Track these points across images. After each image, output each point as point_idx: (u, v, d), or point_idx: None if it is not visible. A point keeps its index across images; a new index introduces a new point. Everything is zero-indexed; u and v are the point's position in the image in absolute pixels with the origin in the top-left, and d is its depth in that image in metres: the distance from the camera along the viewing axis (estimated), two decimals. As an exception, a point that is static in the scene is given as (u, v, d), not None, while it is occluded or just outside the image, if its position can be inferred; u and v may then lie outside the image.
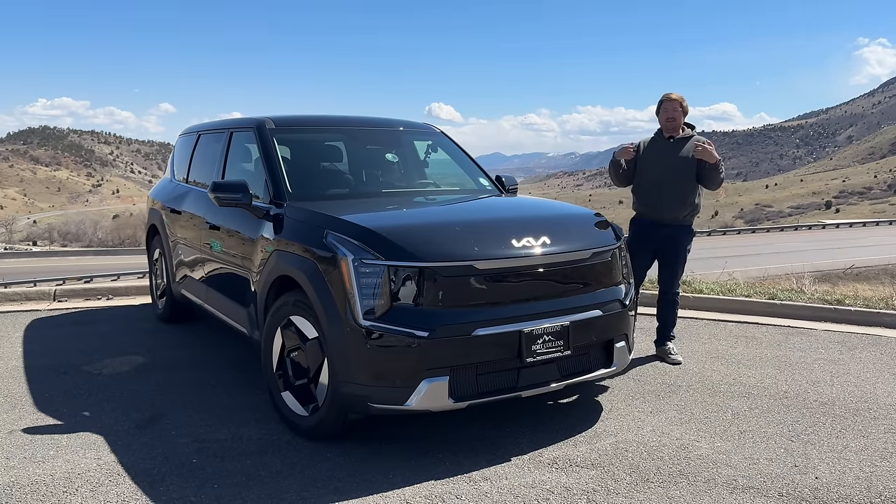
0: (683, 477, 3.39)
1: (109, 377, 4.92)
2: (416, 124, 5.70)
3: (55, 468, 3.47)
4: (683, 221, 5.18)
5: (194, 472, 3.43)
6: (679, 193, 5.11)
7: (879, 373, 5.01)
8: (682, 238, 5.20)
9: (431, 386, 3.39)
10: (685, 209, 5.14)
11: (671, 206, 5.12)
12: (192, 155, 6.01)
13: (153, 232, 6.56)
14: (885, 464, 3.53)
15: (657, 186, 5.15)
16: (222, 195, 4.34)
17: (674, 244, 5.19)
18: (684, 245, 5.21)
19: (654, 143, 5.27)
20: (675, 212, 5.13)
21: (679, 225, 5.17)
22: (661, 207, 5.14)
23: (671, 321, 5.40)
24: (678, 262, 5.24)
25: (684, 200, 5.12)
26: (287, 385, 3.94)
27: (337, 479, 3.36)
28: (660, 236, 5.18)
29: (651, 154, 5.22)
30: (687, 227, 5.22)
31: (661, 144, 5.21)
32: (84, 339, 5.93)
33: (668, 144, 5.15)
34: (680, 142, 5.14)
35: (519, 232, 3.74)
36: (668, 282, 5.30)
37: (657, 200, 5.16)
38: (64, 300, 7.60)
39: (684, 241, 5.21)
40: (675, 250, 5.20)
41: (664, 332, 5.41)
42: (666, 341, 5.37)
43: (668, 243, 5.19)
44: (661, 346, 5.36)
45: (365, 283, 3.44)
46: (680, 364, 5.14)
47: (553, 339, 3.64)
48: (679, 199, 5.11)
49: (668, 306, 5.38)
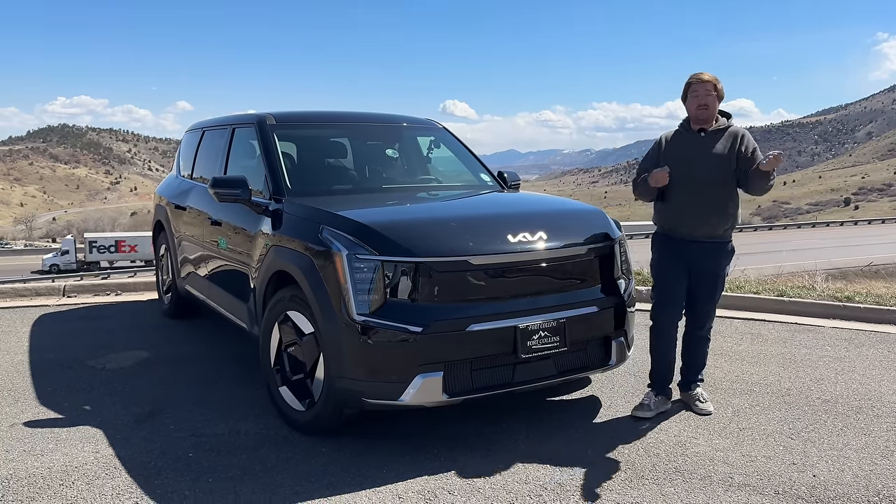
0: (679, 474, 3.36)
1: (112, 372, 4.96)
2: (418, 120, 5.69)
3: (53, 461, 3.50)
4: (722, 237, 4.03)
5: (190, 466, 3.45)
6: (715, 202, 3.95)
7: (885, 370, 4.94)
8: (719, 259, 4.05)
9: (426, 381, 3.39)
10: (723, 222, 3.98)
11: (705, 219, 3.96)
12: (197, 151, 6.05)
13: (159, 228, 6.61)
14: (885, 462, 3.48)
15: (686, 194, 3.97)
16: (222, 191, 4.36)
17: (709, 267, 4.04)
18: (722, 267, 4.08)
19: (680, 137, 4.09)
20: (710, 226, 3.97)
21: (716, 242, 4.03)
22: (693, 221, 3.98)
23: (701, 362, 4.29)
24: (715, 289, 4.10)
25: (722, 211, 3.97)
26: (284, 380, 3.95)
27: (331, 474, 3.36)
28: (691, 257, 4.04)
29: (677, 152, 4.03)
30: (725, 244, 4.06)
31: (689, 139, 4.04)
32: (90, 335, 5.98)
33: (699, 139, 3.99)
34: (714, 135, 3.99)
35: (515, 227, 3.73)
36: (701, 315, 4.16)
37: (687, 212, 3.98)
38: (73, 296, 7.67)
39: (722, 263, 4.07)
40: (711, 275, 4.05)
41: (691, 375, 4.28)
42: (693, 385, 4.26)
43: (701, 266, 4.04)
44: (687, 392, 4.26)
45: (359, 279, 3.44)
46: (710, 414, 4.09)
47: (549, 335, 3.62)
48: (715, 209, 3.96)
49: (698, 344, 4.24)
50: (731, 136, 3.98)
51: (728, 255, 4.08)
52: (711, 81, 3.96)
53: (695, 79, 4.00)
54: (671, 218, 4.06)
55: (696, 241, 4.00)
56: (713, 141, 3.98)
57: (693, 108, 4.00)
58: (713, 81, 3.96)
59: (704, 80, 3.96)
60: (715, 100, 3.97)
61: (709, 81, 3.95)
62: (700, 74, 4.01)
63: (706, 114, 3.97)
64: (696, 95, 3.96)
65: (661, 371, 4.22)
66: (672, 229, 4.07)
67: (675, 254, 4.06)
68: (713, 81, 3.96)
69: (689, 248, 4.02)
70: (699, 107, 3.96)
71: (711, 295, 4.11)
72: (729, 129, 4.01)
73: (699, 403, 4.15)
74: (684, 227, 4.00)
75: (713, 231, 3.99)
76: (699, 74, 4.01)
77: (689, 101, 4.02)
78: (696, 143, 4.00)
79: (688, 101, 4.03)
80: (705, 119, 3.99)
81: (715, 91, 3.96)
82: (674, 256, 4.07)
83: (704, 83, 3.96)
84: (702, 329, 4.21)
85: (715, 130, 4.00)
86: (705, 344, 4.26)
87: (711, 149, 3.96)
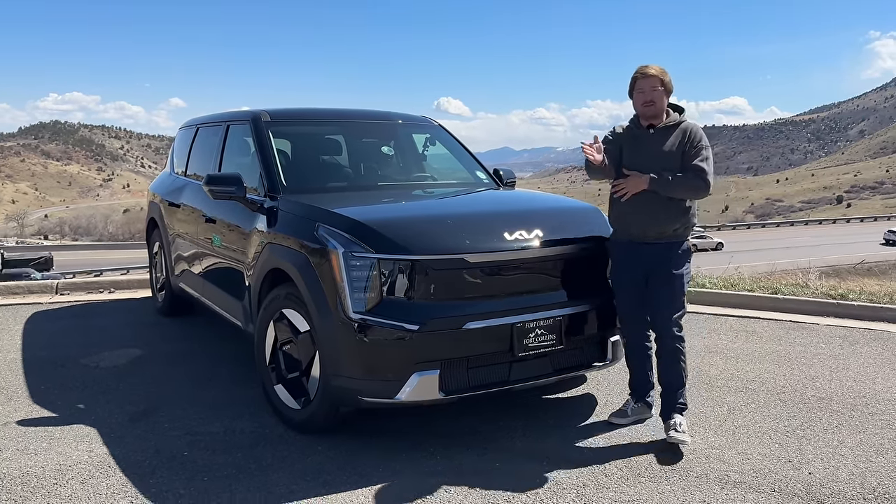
0: (675, 472, 3.36)
1: (106, 370, 4.93)
2: (413, 117, 5.67)
3: (47, 460, 3.48)
4: (675, 237, 3.77)
5: (185, 465, 3.43)
6: (664, 201, 3.70)
7: (879, 368, 4.96)
8: (674, 258, 3.74)
9: (422, 379, 3.38)
10: (673, 221, 3.72)
11: (654, 218, 3.71)
12: (191, 148, 6.02)
13: (153, 225, 6.57)
14: (880, 460, 3.49)
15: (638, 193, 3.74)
16: (216, 188, 4.34)
17: (664, 269, 3.73)
18: (678, 267, 3.75)
19: (629, 133, 3.87)
20: (660, 226, 3.72)
21: (668, 242, 3.76)
22: (643, 221, 3.73)
23: (676, 381, 3.76)
24: (674, 293, 3.73)
25: (671, 210, 3.72)
26: (280, 378, 3.93)
27: (326, 473, 3.35)
28: (646, 260, 3.76)
29: (627, 149, 3.83)
30: (679, 244, 3.78)
31: (637, 137, 3.82)
32: (83, 333, 5.95)
33: (648, 136, 3.77)
34: (664, 132, 3.76)
35: (511, 225, 3.72)
36: (663, 323, 3.74)
37: (637, 211, 3.74)
38: (66, 293, 7.63)
39: (678, 262, 3.75)
40: (668, 277, 3.73)
41: (670, 399, 3.76)
42: (673, 413, 3.73)
43: (657, 269, 3.75)
44: (667, 421, 3.73)
45: (355, 276, 3.43)
46: (686, 444, 3.61)
47: (545, 333, 3.62)
48: (664, 208, 3.70)
49: (669, 359, 3.75)
50: (680, 133, 3.75)
51: (684, 256, 3.78)
52: (657, 76, 3.72)
53: (640, 73, 3.76)
54: (622, 219, 3.83)
55: (648, 242, 3.75)
56: (662, 138, 3.75)
57: (639, 104, 3.77)
58: (659, 76, 3.72)
59: (650, 75, 3.72)
60: (662, 95, 3.73)
61: (654, 76, 3.71)
62: (645, 68, 3.76)
63: (653, 110, 3.74)
64: (642, 91, 3.73)
65: (640, 382, 4.00)
66: (624, 231, 3.84)
67: (631, 259, 3.80)
68: (659, 76, 3.72)
69: (643, 251, 3.76)
70: (645, 103, 3.73)
71: (671, 300, 3.73)
72: (680, 125, 3.77)
73: (673, 433, 3.63)
74: (635, 227, 3.77)
75: (664, 231, 3.73)
76: (644, 68, 3.77)
77: (635, 97, 3.78)
78: (644, 139, 3.78)
79: (634, 98, 3.79)
80: (653, 115, 3.76)
81: (662, 86, 3.72)
82: (629, 262, 3.81)
83: (649, 78, 3.72)
84: (666, 336, 3.74)
85: (665, 127, 3.77)
86: (677, 358, 3.73)
87: (660, 146, 3.74)
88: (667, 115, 3.80)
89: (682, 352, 3.75)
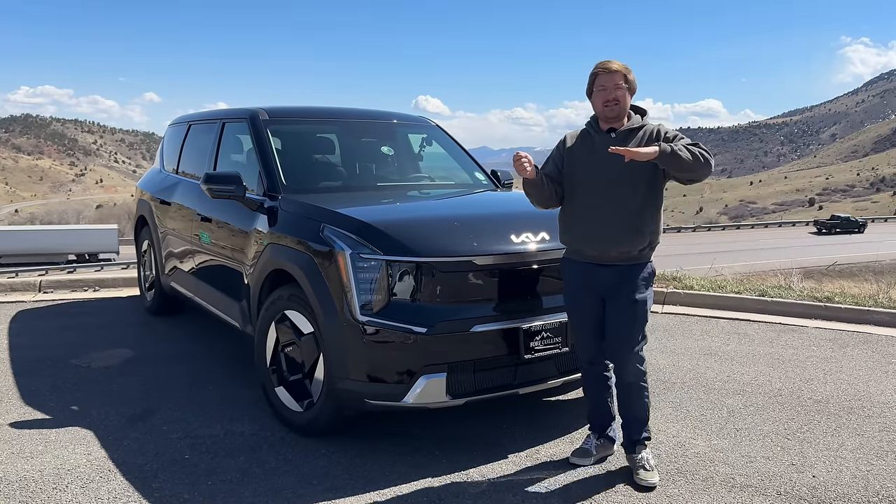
0: (681, 475, 3.37)
1: (98, 371, 4.84)
2: (411, 117, 5.65)
3: (44, 464, 3.40)
4: (638, 258, 3.28)
5: (187, 469, 3.37)
6: (628, 217, 3.22)
7: (871, 371, 5.02)
8: (635, 283, 3.27)
9: (429, 382, 3.35)
10: (639, 240, 3.25)
11: (617, 237, 3.23)
12: (183, 145, 5.93)
13: (142, 223, 6.46)
14: (881, 462, 3.53)
15: (594, 207, 3.26)
16: (216, 187, 4.27)
17: (624, 294, 3.26)
18: (640, 292, 3.28)
19: (586, 139, 3.35)
20: (623, 245, 3.23)
21: (632, 265, 3.28)
22: (602, 240, 3.25)
23: (639, 414, 3.39)
24: (634, 321, 3.27)
25: (636, 227, 3.23)
26: (281, 380, 3.88)
27: (333, 477, 3.31)
28: (603, 283, 3.29)
29: (582, 157, 3.31)
30: (642, 266, 3.30)
31: (596, 142, 3.29)
32: (71, 332, 5.84)
33: (609, 141, 3.23)
34: (626, 136, 3.27)
35: (518, 227, 3.71)
36: (620, 353, 3.31)
37: (595, 229, 3.26)
38: (50, 291, 7.49)
39: (639, 287, 3.28)
40: (628, 303, 3.26)
41: (632, 432, 3.39)
42: (636, 447, 3.38)
43: (616, 294, 3.28)
44: (631, 454, 3.38)
45: (362, 278, 3.40)
46: (654, 488, 3.23)
47: (551, 336, 3.61)
48: (628, 224, 3.22)
49: (628, 392, 3.36)
50: (645, 135, 3.27)
51: (647, 280, 3.32)
52: (620, 71, 3.23)
53: (600, 69, 3.26)
54: (577, 238, 3.34)
55: (606, 264, 3.28)
56: (624, 142, 3.23)
57: (600, 104, 3.26)
58: (622, 71, 3.23)
59: (612, 70, 3.22)
60: (626, 94, 3.24)
61: (617, 72, 3.22)
62: (607, 63, 3.26)
63: (616, 110, 3.24)
64: (603, 89, 3.23)
65: (599, 414, 3.57)
66: (578, 251, 3.35)
67: (585, 281, 3.34)
68: (622, 71, 3.23)
69: (601, 274, 3.29)
70: (607, 102, 3.23)
71: (630, 329, 3.27)
72: (644, 129, 3.29)
73: (642, 472, 3.28)
74: (592, 247, 3.28)
75: (628, 251, 3.24)
76: (606, 63, 3.27)
77: (596, 95, 3.28)
78: (605, 145, 3.19)
79: (594, 97, 3.29)
80: (615, 117, 3.26)
81: (626, 83, 3.24)
82: (584, 285, 3.35)
83: (612, 74, 3.22)
84: (625, 371, 3.32)
85: (627, 130, 3.28)
86: (638, 392, 3.35)
87: None
88: (628, 118, 3.33)
89: (644, 387, 3.36)
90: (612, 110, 3.25)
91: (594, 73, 3.27)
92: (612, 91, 3.22)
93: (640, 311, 3.29)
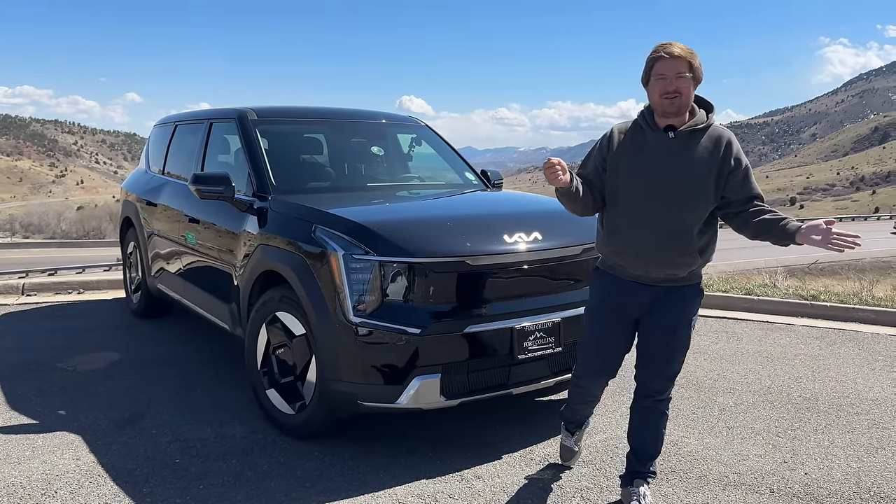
0: (675, 473, 3.38)
1: (84, 374, 4.78)
2: (400, 117, 5.63)
3: (32, 469, 3.35)
4: (688, 280, 2.88)
5: (178, 473, 3.33)
6: (683, 234, 2.77)
7: (859, 368, 5.07)
8: (685, 307, 2.89)
9: (423, 383, 3.33)
10: (692, 261, 2.82)
11: (668, 255, 2.79)
12: (169, 146, 5.86)
13: (127, 224, 6.39)
14: (871, 459, 3.56)
15: (641, 220, 2.81)
16: (204, 188, 4.22)
17: (670, 319, 2.89)
18: (688, 318, 2.91)
19: (638, 137, 2.84)
20: (673, 266, 2.82)
21: (679, 286, 2.88)
22: (649, 258, 2.81)
23: (651, 448, 3.10)
24: (677, 348, 2.92)
25: (692, 246, 2.79)
26: (272, 383, 3.85)
27: (326, 479, 3.29)
28: (644, 305, 2.90)
29: (633, 158, 2.82)
30: (693, 287, 2.90)
31: (651, 141, 2.80)
32: (56, 335, 5.76)
33: (666, 142, 2.77)
34: (688, 137, 2.77)
35: (510, 227, 3.70)
36: (656, 381, 2.99)
37: (642, 245, 2.81)
38: (33, 294, 7.39)
39: (688, 312, 2.90)
40: (672, 329, 2.89)
41: (640, 465, 3.09)
42: (636, 480, 3.07)
43: (659, 318, 2.89)
44: (628, 487, 3.08)
45: (355, 279, 3.37)
46: None
47: (544, 336, 3.60)
48: (682, 243, 2.78)
49: (649, 420, 3.07)
50: (712, 141, 2.77)
51: (697, 303, 2.93)
52: (684, 57, 2.69)
53: (661, 52, 2.71)
54: (620, 253, 2.89)
55: (651, 284, 2.87)
56: (687, 145, 2.76)
57: (657, 95, 2.74)
58: (686, 57, 2.69)
59: (675, 56, 2.69)
60: (690, 84, 2.72)
61: (680, 57, 2.69)
62: (668, 46, 2.71)
63: (676, 104, 2.72)
64: (662, 78, 2.71)
65: (578, 419, 3.40)
66: (619, 267, 2.92)
67: (621, 301, 2.93)
68: (686, 57, 2.69)
69: (642, 294, 2.88)
70: (667, 94, 2.71)
71: (672, 356, 2.93)
72: (710, 130, 2.79)
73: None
74: (637, 266, 2.85)
75: (677, 272, 2.83)
76: (667, 46, 2.72)
77: (652, 85, 2.75)
78: (660, 146, 2.77)
79: (650, 86, 2.77)
80: (675, 111, 2.74)
81: (690, 71, 2.70)
82: (618, 305, 2.94)
83: (675, 60, 2.69)
84: (652, 397, 3.02)
85: (690, 130, 2.77)
86: (659, 420, 3.05)
87: (684, 157, 2.75)
88: (691, 113, 2.82)
89: (666, 415, 3.08)
90: (673, 104, 2.72)
91: (652, 59, 2.74)
92: (672, 81, 2.69)
93: (684, 336, 2.92)
